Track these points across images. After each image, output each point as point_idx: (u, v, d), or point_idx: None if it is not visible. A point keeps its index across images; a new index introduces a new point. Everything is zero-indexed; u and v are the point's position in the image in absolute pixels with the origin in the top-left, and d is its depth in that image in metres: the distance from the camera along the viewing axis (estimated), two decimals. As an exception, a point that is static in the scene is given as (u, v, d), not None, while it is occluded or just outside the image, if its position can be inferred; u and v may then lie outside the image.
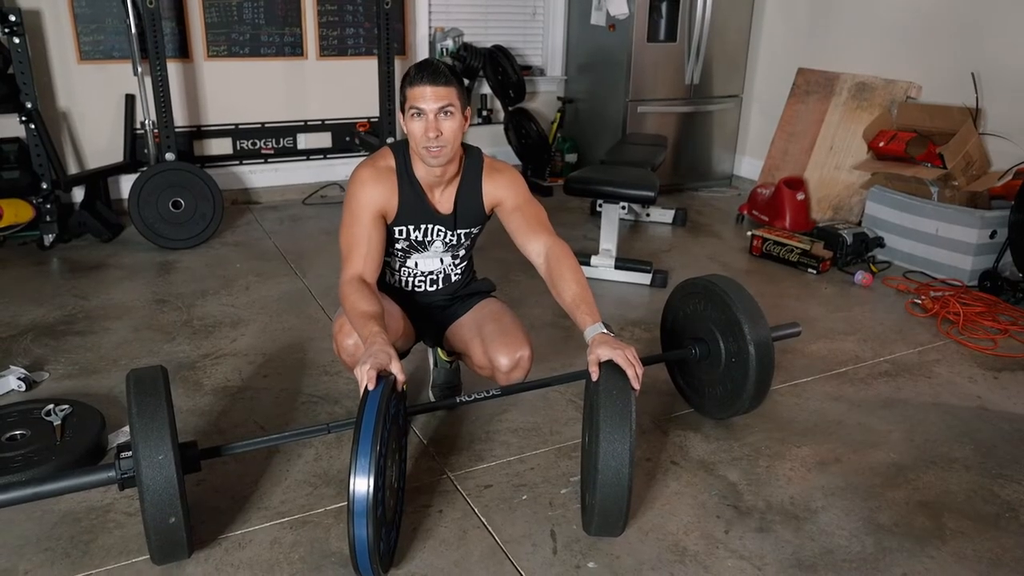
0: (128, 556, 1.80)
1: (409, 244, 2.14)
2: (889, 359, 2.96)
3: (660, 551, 1.87)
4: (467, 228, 2.17)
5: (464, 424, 2.40)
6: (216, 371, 2.69)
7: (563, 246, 2.07)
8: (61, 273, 3.59)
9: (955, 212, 3.67)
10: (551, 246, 2.06)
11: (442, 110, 1.90)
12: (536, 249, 2.08)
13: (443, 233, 2.13)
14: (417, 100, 1.90)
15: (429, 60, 1.96)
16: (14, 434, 2.17)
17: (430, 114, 1.90)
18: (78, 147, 4.30)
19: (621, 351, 1.81)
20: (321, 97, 4.85)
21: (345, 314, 1.95)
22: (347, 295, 1.93)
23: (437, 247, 2.16)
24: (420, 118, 1.91)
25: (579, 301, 1.96)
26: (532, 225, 2.09)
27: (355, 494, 1.53)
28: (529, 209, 2.12)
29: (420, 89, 1.90)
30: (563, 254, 2.04)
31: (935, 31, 4.16)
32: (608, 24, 4.98)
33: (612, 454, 1.70)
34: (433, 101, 1.89)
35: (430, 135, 1.90)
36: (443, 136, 1.92)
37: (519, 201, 2.12)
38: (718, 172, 5.50)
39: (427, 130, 1.90)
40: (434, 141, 1.91)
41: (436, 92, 1.89)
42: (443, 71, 1.92)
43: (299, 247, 4.01)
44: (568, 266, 2.02)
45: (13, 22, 3.55)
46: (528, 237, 2.09)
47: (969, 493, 2.14)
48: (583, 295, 1.97)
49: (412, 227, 2.10)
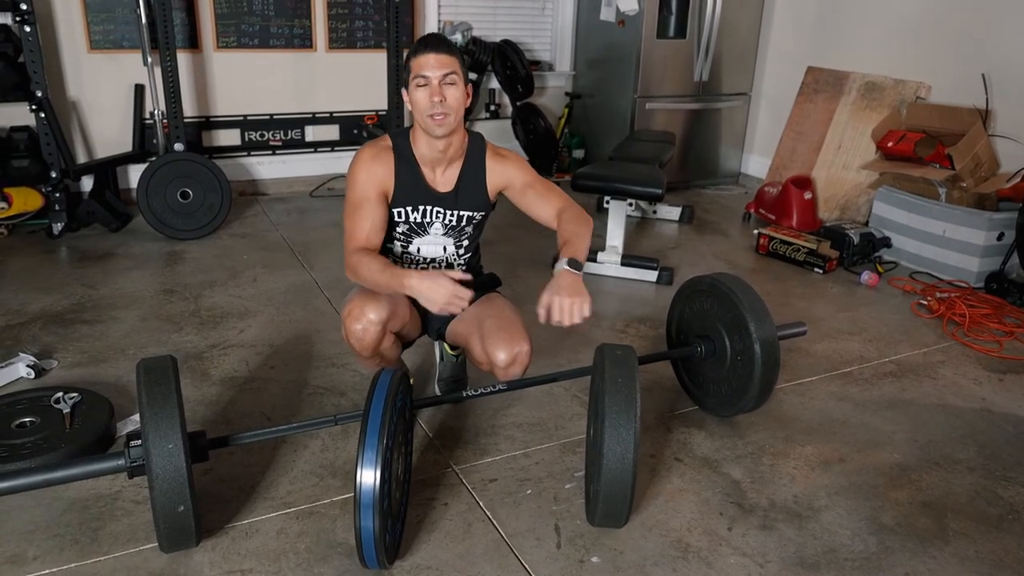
0: (136, 543, 1.82)
1: (409, 227, 2.16)
2: (894, 360, 2.96)
3: (663, 547, 1.89)
4: (469, 210, 2.18)
5: (470, 418, 2.42)
6: (223, 361, 2.70)
7: (579, 209, 2.16)
8: (70, 262, 3.60)
9: (963, 213, 3.67)
10: (567, 208, 2.14)
11: (446, 77, 1.97)
12: (550, 213, 2.15)
13: (442, 214, 2.15)
14: (422, 68, 1.97)
15: (432, 33, 2.04)
16: (24, 421, 2.19)
17: (435, 80, 1.96)
18: (87, 136, 4.32)
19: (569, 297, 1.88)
20: (329, 89, 4.86)
21: (361, 276, 2.01)
22: (359, 261, 2.00)
23: (437, 229, 2.18)
24: (425, 87, 1.97)
25: (569, 238, 2.04)
26: (546, 195, 2.17)
27: (362, 486, 1.55)
28: (540, 185, 2.20)
29: (424, 57, 1.97)
30: (577, 213, 2.13)
31: (946, 31, 4.14)
32: (617, 20, 4.98)
33: (617, 440, 1.72)
34: (437, 68, 1.96)
35: (435, 99, 1.96)
36: (447, 102, 1.98)
37: (529, 179, 2.18)
38: (725, 170, 5.50)
39: (432, 95, 1.97)
40: (439, 107, 1.97)
41: (439, 59, 1.97)
42: (445, 41, 2.02)
43: (306, 239, 4.02)
44: (576, 214, 2.11)
45: (24, 11, 3.56)
46: (544, 203, 2.16)
47: (972, 494, 2.15)
48: (575, 237, 2.04)
49: (411, 208, 2.13)
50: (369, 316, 2.01)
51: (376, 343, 2.04)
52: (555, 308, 1.89)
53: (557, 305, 1.89)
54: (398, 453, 1.75)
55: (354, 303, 2.04)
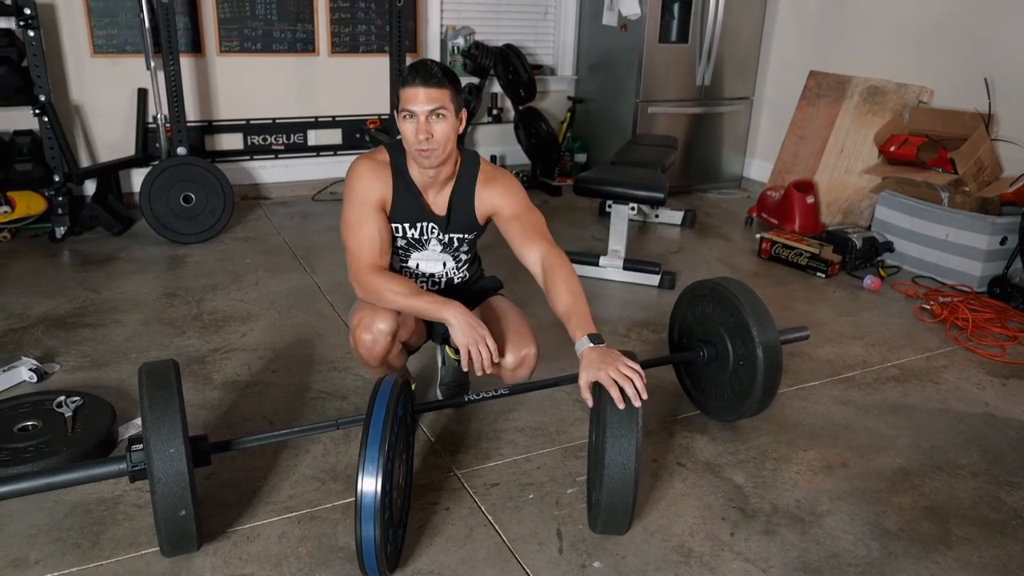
0: (138, 548, 1.82)
1: (408, 242, 2.15)
2: (897, 364, 2.95)
3: (665, 552, 1.88)
4: (460, 233, 2.16)
5: (472, 422, 2.41)
6: (225, 365, 2.70)
7: (560, 255, 2.03)
8: (72, 265, 3.61)
9: (965, 218, 3.67)
10: (547, 254, 2.02)
11: (433, 112, 1.90)
12: (533, 258, 2.05)
13: (436, 231, 2.14)
14: (409, 102, 1.91)
15: (423, 61, 1.96)
16: (26, 425, 2.19)
17: (421, 116, 1.90)
18: (90, 140, 4.33)
19: (612, 366, 1.76)
20: (332, 93, 4.87)
21: (385, 300, 1.95)
22: (380, 284, 1.95)
23: (435, 246, 2.16)
24: (412, 119, 1.92)
25: (570, 313, 1.91)
26: (529, 234, 2.06)
27: (363, 497, 1.55)
28: (527, 217, 2.10)
29: (412, 91, 1.90)
30: (559, 263, 2.00)
31: (948, 36, 4.14)
32: (620, 24, 4.98)
33: (619, 450, 1.71)
34: (425, 103, 1.89)
35: (420, 137, 1.91)
36: (434, 138, 1.92)
37: (517, 209, 2.10)
38: (727, 174, 5.50)
39: (418, 131, 1.91)
40: (425, 143, 1.92)
41: (428, 94, 1.89)
42: (435, 72, 1.91)
43: (308, 243, 4.02)
44: (563, 276, 1.98)
45: (28, 15, 3.57)
46: (525, 246, 2.06)
47: (976, 500, 2.14)
48: (575, 306, 1.92)
49: (408, 224, 2.11)
50: (379, 327, 1.99)
51: (385, 353, 2.04)
52: (607, 383, 1.73)
53: (606, 379, 1.74)
54: (399, 461, 1.74)
55: (363, 313, 2.02)
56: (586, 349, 1.83)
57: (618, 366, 1.76)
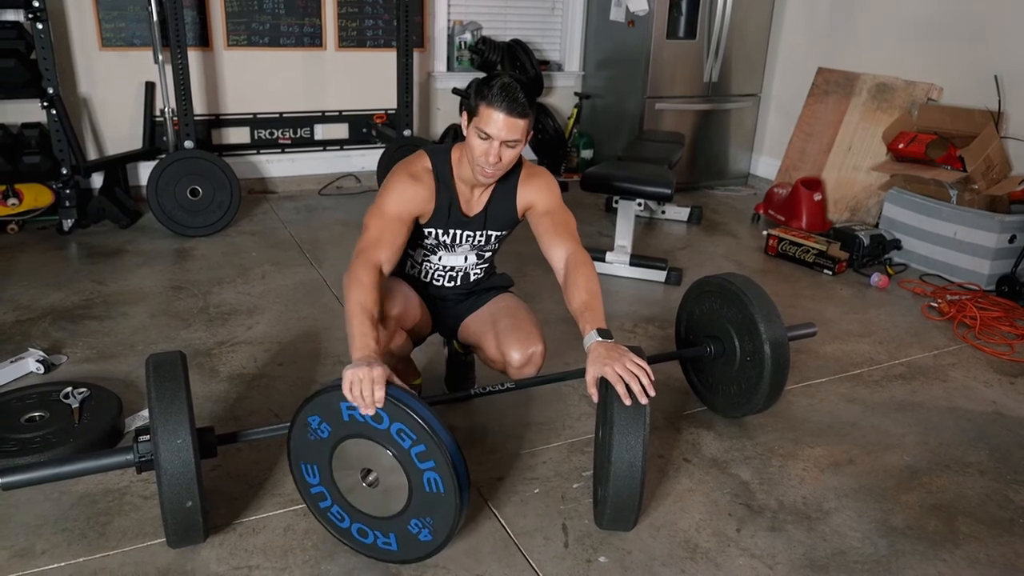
0: (144, 539, 1.82)
1: (438, 243, 2.15)
2: (904, 362, 2.94)
3: (671, 547, 1.88)
4: (497, 230, 2.16)
5: (477, 416, 2.41)
6: (232, 358, 2.71)
7: (584, 256, 2.04)
8: (79, 258, 3.62)
9: (974, 216, 3.65)
10: (573, 253, 2.04)
11: (509, 141, 1.87)
12: (558, 255, 2.05)
13: (472, 236, 2.14)
14: (488, 124, 1.85)
15: (512, 84, 1.85)
16: (33, 416, 2.20)
17: (496, 141, 1.86)
18: (98, 133, 4.33)
19: (619, 362, 1.74)
20: (339, 88, 4.86)
21: (345, 295, 1.85)
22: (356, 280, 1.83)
23: (464, 248, 2.17)
24: (486, 140, 1.87)
25: (584, 308, 1.92)
26: (559, 231, 2.07)
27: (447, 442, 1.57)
28: (559, 215, 2.11)
29: (495, 114, 1.83)
30: (582, 262, 2.01)
31: (957, 33, 4.12)
32: (627, 20, 4.97)
33: (626, 447, 1.70)
34: (504, 131, 1.84)
35: (491, 159, 1.88)
36: (502, 163, 1.90)
37: (551, 206, 2.11)
38: (735, 171, 5.48)
39: (488, 154, 1.87)
40: (491, 166, 1.90)
41: (509, 123, 1.84)
42: (522, 102, 1.83)
43: (315, 237, 4.03)
44: (584, 274, 1.98)
45: (36, 8, 3.58)
46: (554, 242, 2.07)
47: (983, 497, 2.13)
48: (591, 302, 1.93)
49: (441, 231, 2.10)
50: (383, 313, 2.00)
51: (388, 340, 2.04)
52: (613, 379, 1.73)
53: (612, 375, 1.73)
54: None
55: None
56: (594, 343, 1.83)
57: (625, 362, 1.75)
